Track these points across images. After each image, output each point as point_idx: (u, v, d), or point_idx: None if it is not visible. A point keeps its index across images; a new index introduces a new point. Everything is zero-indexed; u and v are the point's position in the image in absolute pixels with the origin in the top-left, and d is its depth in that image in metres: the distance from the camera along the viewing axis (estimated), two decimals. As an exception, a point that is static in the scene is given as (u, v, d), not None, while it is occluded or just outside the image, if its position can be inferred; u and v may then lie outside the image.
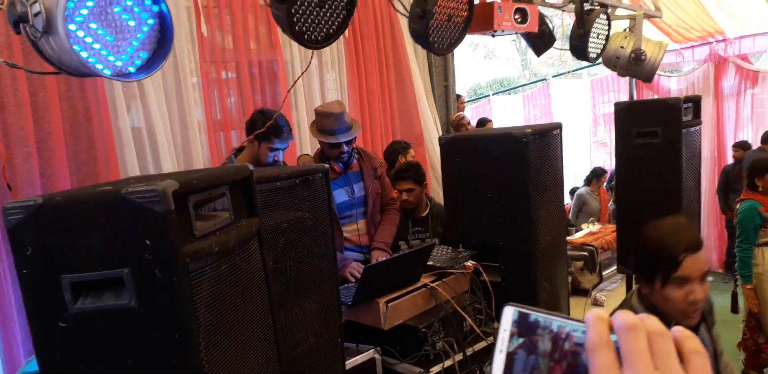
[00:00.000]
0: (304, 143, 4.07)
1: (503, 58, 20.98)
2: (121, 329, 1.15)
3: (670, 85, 7.48)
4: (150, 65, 1.59)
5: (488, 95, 11.67)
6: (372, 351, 2.41)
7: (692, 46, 7.18)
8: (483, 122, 6.21)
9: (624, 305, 1.76)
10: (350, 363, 2.29)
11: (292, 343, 1.94)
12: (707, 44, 7.04)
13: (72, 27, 1.43)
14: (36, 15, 1.41)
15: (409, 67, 4.62)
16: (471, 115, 9.79)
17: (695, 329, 1.68)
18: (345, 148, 3.15)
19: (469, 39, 3.10)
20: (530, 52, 4.11)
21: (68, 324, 1.15)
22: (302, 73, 3.28)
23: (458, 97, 5.83)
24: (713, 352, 1.67)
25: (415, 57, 4.70)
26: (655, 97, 7.23)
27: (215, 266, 1.27)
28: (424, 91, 4.79)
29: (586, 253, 3.83)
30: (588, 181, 7.25)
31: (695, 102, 3.49)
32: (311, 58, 2.55)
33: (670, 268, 1.56)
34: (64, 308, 1.15)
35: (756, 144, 6.89)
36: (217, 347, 1.25)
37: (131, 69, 1.56)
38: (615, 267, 4.02)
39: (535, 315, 0.51)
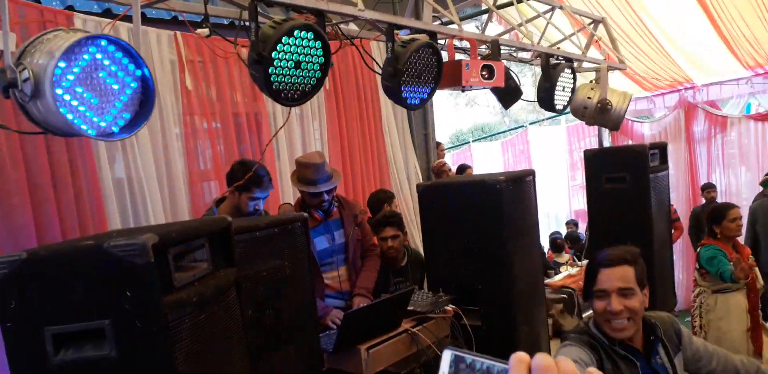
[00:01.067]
0: (287, 192, 4.14)
1: (483, 105, 21.45)
2: (102, 379, 1.19)
3: (644, 130, 7.71)
4: (132, 125, 1.67)
5: (469, 142, 11.94)
6: (353, 398, 2.41)
7: (662, 93, 7.46)
8: (462, 169, 6.31)
9: (580, 328, 1.87)
10: (331, 411, 2.30)
11: (272, 392, 1.95)
12: (676, 91, 7.32)
13: (59, 91, 1.52)
14: (25, 81, 1.50)
15: (382, 120, 4.78)
16: (453, 161, 9.97)
17: (649, 353, 1.75)
18: (326, 197, 3.22)
19: (450, 88, 3.25)
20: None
21: (50, 375, 1.19)
22: (281, 127, 3.39)
23: (438, 144, 5.96)
24: None
25: (392, 108, 4.85)
26: (630, 142, 7.44)
27: (194, 315, 1.32)
28: (398, 140, 4.92)
29: (565, 296, 3.88)
30: None
31: (661, 148, 3.65)
32: (289, 113, 2.66)
33: (591, 282, 1.77)
34: (47, 359, 1.19)
35: (731, 185, 7.07)
36: (195, 395, 1.28)
37: (114, 129, 1.64)
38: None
39: (471, 358, 0.58)
